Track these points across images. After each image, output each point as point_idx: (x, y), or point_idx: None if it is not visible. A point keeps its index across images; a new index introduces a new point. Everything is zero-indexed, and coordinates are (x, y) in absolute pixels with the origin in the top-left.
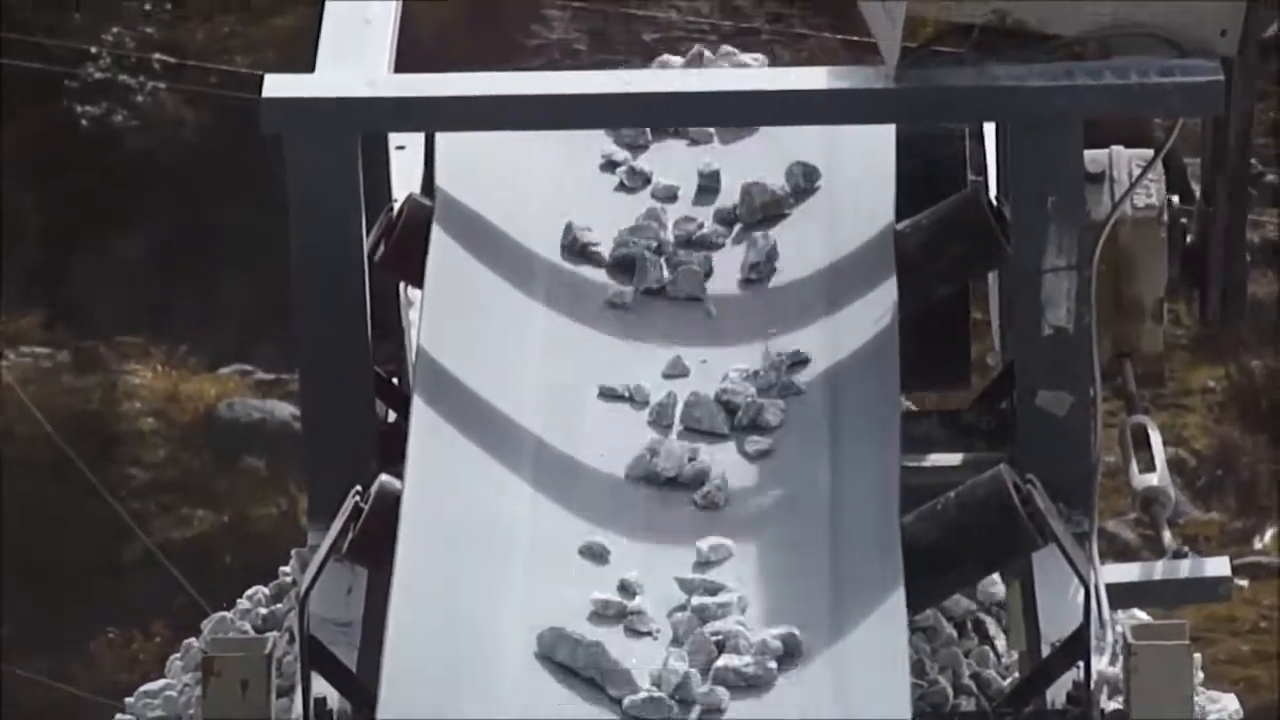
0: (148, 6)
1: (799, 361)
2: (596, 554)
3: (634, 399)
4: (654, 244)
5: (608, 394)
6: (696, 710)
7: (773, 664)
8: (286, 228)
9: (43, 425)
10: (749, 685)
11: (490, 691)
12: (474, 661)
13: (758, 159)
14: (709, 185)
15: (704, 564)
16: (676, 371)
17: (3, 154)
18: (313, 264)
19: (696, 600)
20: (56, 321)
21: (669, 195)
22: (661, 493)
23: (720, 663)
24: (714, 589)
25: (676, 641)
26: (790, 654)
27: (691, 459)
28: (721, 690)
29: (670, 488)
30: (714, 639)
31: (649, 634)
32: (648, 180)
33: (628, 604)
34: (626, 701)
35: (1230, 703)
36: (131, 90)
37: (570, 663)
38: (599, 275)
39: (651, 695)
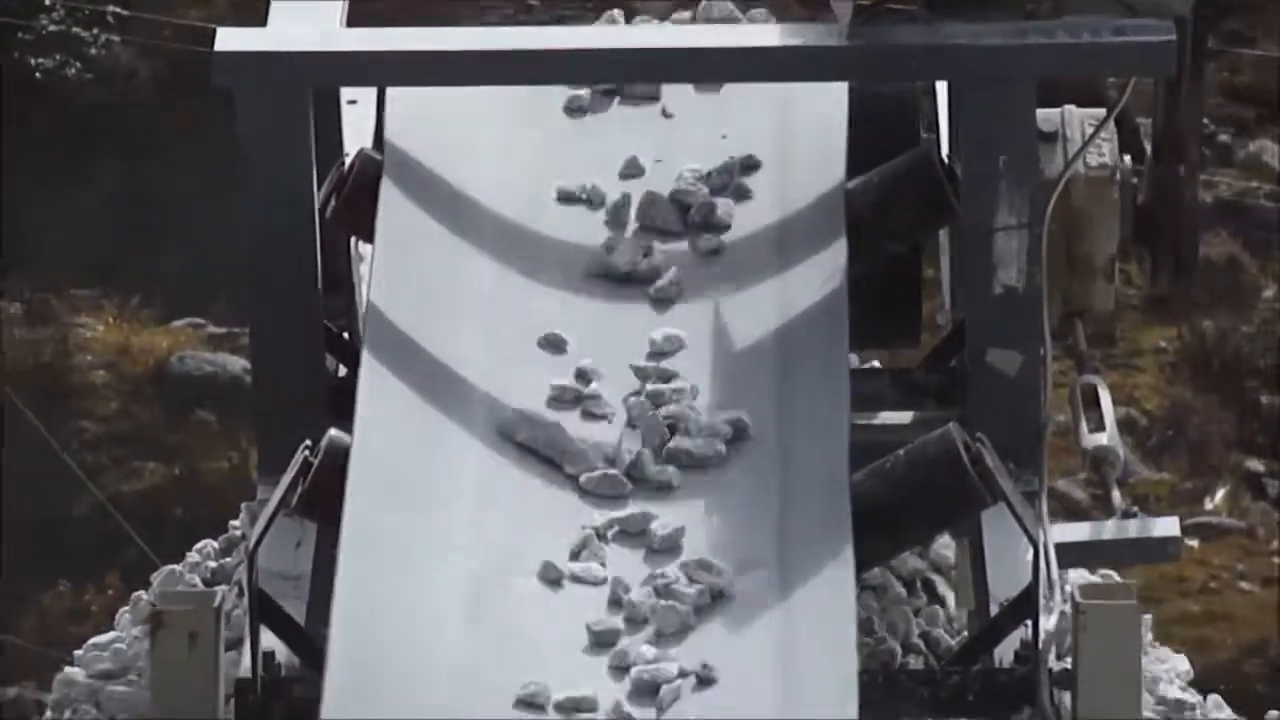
0: None
1: (750, 166)
2: (554, 344)
3: (591, 200)
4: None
5: (565, 196)
6: (649, 487)
7: (722, 446)
8: (238, 182)
9: None
10: (699, 465)
11: (455, 485)
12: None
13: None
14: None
15: (657, 354)
16: (632, 171)
17: None
18: (264, 218)
19: (650, 387)
20: (8, 274)
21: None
22: (617, 287)
23: (672, 444)
24: (667, 376)
25: (631, 424)
26: (739, 437)
27: (646, 255)
28: (672, 469)
29: (625, 283)
30: (666, 422)
31: (604, 417)
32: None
33: (584, 389)
34: (583, 479)
35: (1179, 663)
36: (85, 43)
37: (530, 443)
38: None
39: (606, 473)
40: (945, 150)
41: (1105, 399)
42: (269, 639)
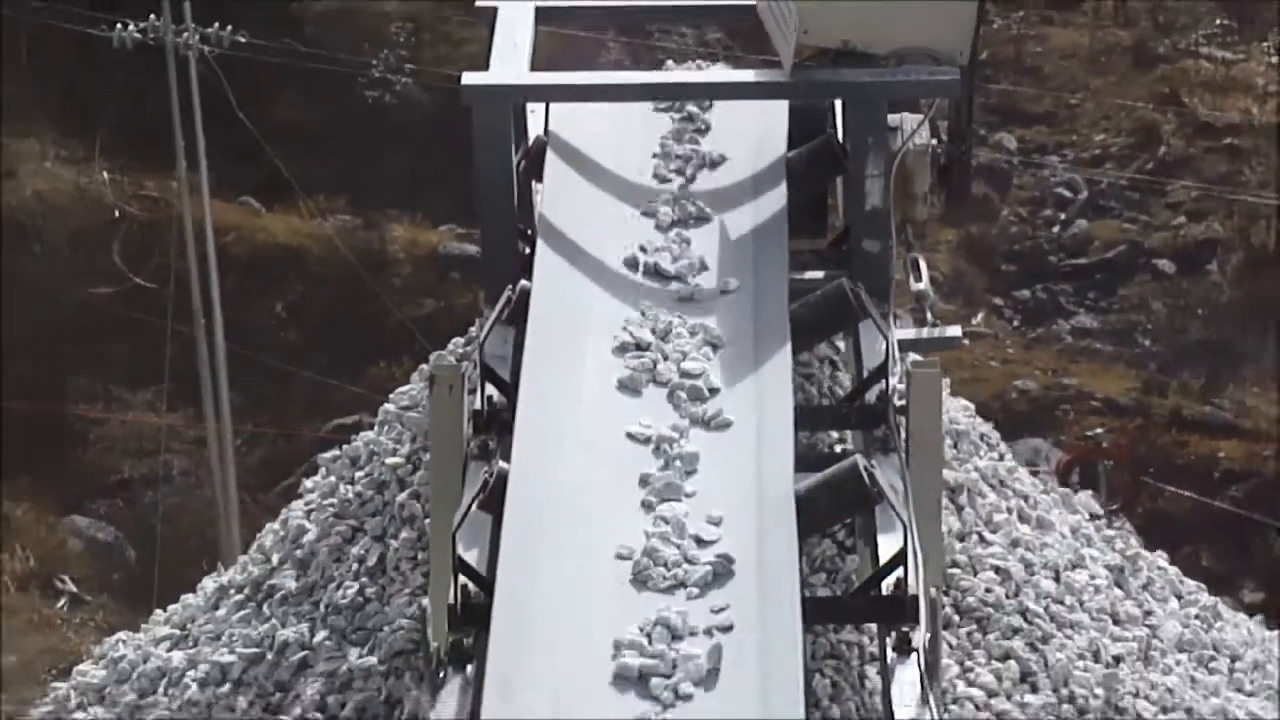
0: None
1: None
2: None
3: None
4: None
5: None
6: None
7: (717, 292)
8: (472, 157)
9: (347, 256)
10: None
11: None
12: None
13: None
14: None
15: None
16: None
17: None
18: (489, 169)
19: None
20: (354, 203)
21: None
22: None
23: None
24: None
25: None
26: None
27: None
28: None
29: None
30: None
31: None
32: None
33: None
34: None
35: (962, 403)
36: (394, 84)
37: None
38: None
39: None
40: (840, 136)
41: (923, 265)
42: (490, 391)
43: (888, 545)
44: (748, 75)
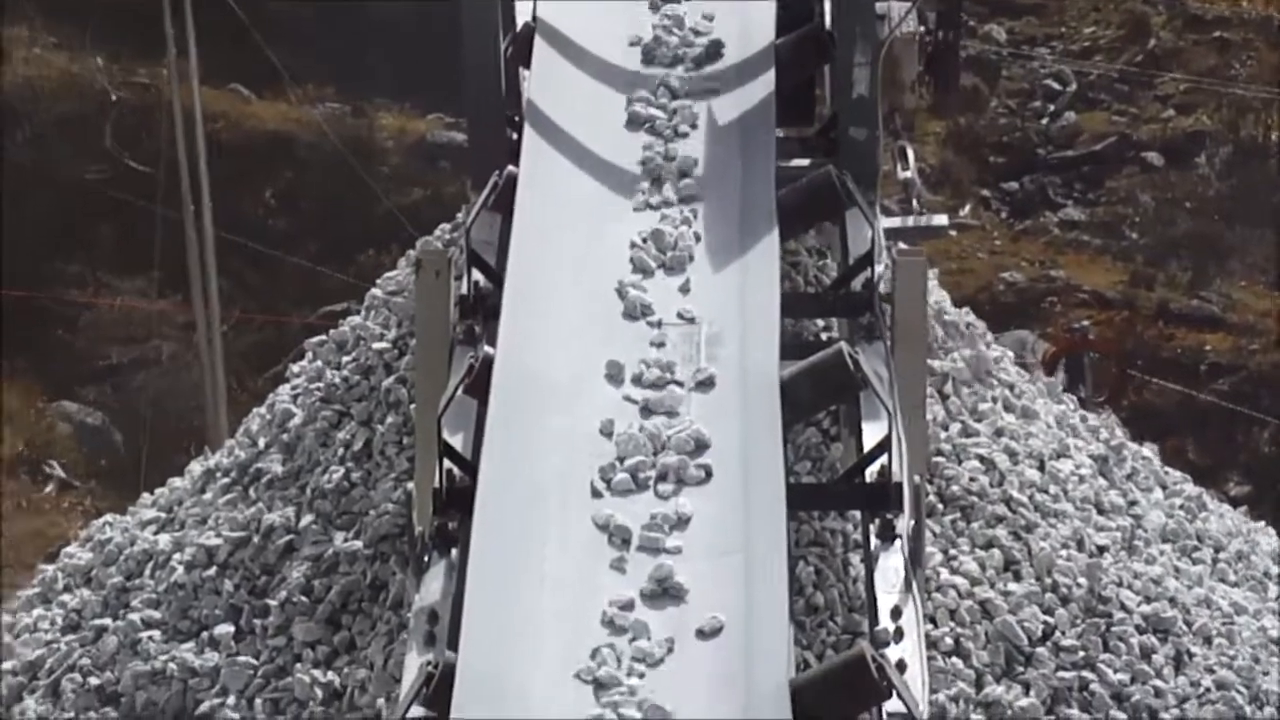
0: None
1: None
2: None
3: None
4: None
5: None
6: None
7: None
8: (460, 44)
9: (336, 144)
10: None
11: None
12: None
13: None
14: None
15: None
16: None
17: None
18: (476, 57)
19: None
20: (340, 91)
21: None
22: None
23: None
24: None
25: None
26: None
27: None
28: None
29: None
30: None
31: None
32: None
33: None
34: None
35: (945, 294)
36: None
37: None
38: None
39: None
40: (828, 23)
41: (910, 155)
42: (476, 275)
43: (872, 433)
44: None
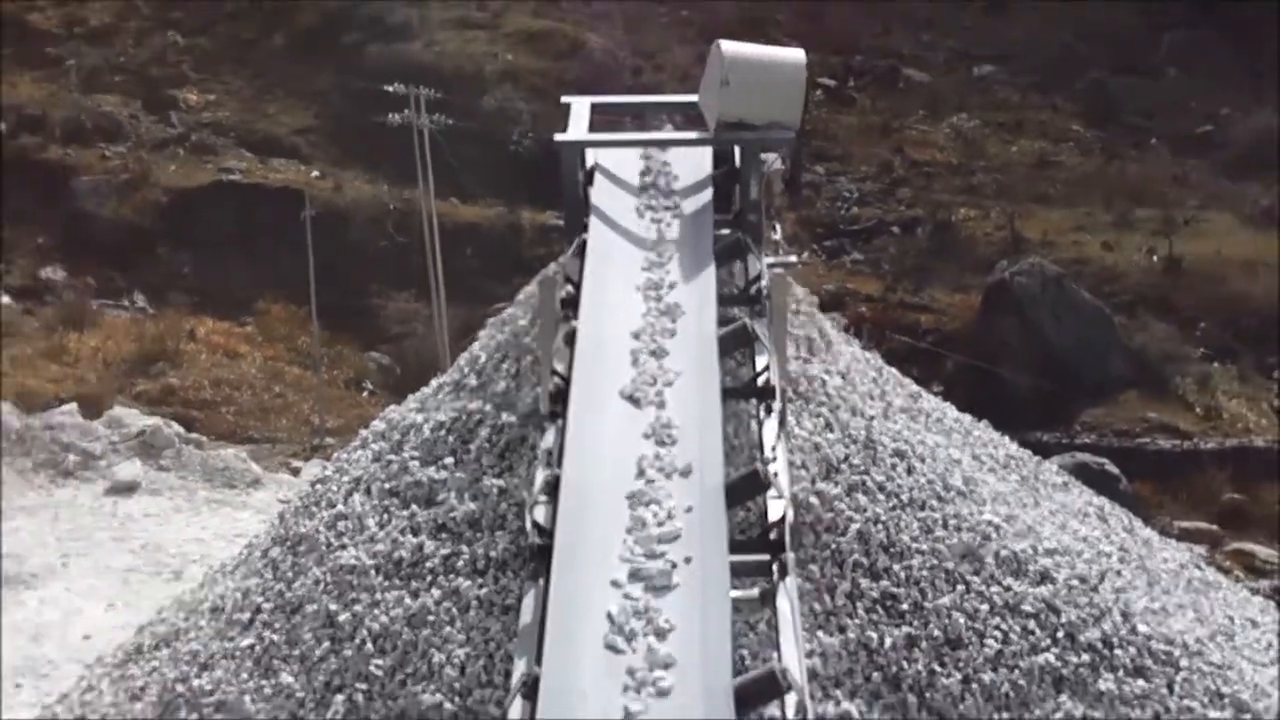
0: None
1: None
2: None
3: (644, 184)
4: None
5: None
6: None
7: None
8: (561, 175)
9: (502, 228)
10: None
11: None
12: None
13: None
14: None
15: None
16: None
17: None
18: (569, 181)
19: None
20: (501, 196)
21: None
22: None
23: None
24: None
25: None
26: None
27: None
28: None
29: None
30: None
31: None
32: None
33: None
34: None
35: (809, 295)
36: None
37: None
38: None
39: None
40: (738, 163)
41: (778, 227)
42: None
43: (760, 361)
44: (691, 134)
